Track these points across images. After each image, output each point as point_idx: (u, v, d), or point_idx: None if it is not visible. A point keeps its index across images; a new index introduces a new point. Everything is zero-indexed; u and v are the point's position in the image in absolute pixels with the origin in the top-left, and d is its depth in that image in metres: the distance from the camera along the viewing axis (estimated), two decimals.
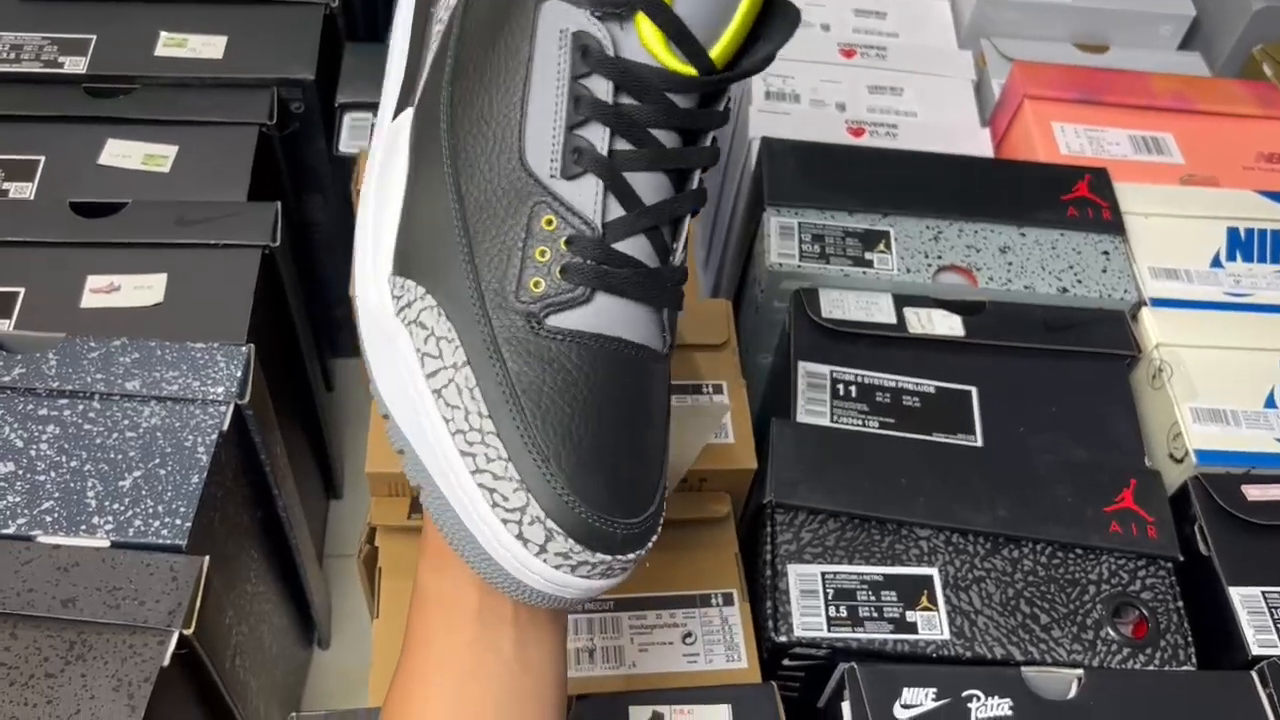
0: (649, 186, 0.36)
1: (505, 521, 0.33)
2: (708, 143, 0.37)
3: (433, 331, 0.35)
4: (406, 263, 0.36)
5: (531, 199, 0.35)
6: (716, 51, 0.35)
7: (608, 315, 0.35)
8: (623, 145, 0.35)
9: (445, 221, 0.35)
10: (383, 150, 0.39)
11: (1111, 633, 0.54)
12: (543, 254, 0.34)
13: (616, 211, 0.35)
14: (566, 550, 0.33)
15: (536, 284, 0.34)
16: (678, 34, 0.34)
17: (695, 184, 0.37)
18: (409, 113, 0.39)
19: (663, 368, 0.37)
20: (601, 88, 0.34)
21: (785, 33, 0.37)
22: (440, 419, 0.34)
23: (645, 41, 0.34)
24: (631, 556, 0.34)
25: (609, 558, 0.33)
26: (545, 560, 0.33)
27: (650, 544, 0.35)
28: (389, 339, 0.36)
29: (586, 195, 0.35)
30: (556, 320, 0.34)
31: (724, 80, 0.36)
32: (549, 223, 0.34)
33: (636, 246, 0.35)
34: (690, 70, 0.35)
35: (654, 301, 0.36)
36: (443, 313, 0.35)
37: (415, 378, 0.35)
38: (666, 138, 0.36)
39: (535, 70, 0.35)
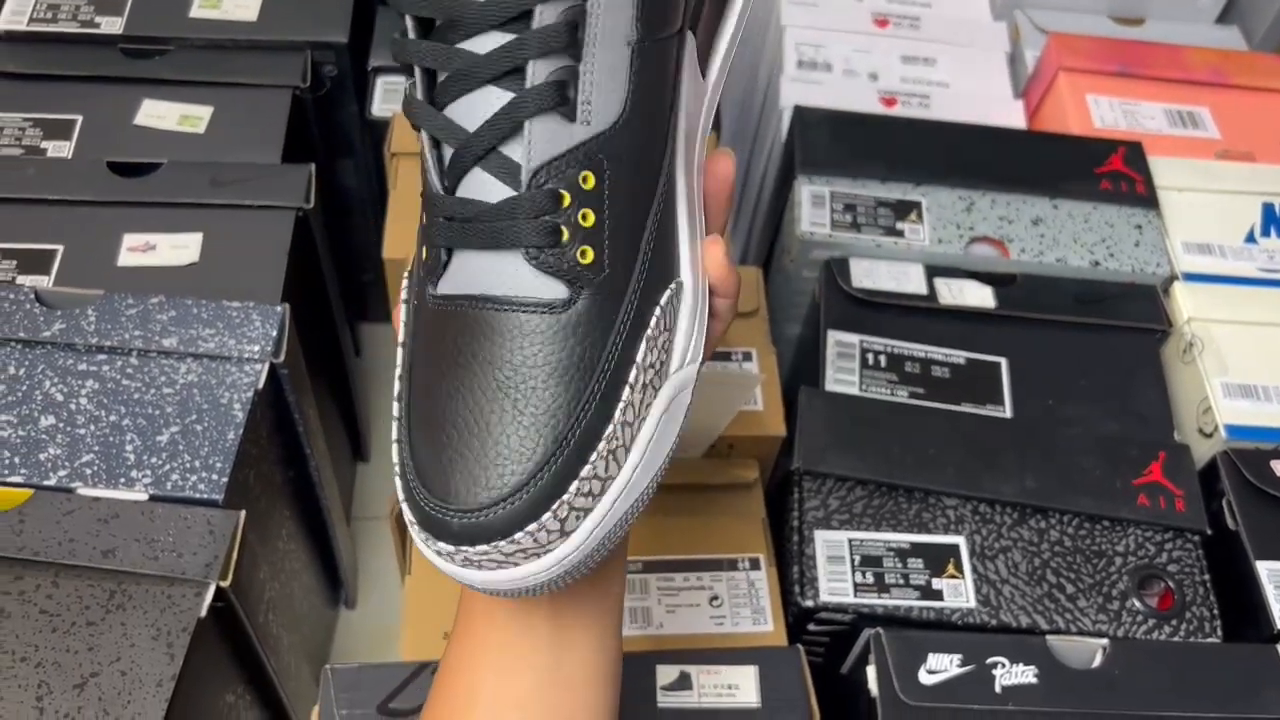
0: (473, 110, 0.30)
1: (402, 497, 0.31)
2: (545, 20, 0.29)
3: (406, 299, 0.35)
4: None
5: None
6: None
7: (465, 273, 0.31)
8: (439, 79, 0.31)
9: None
10: None
11: (1137, 604, 0.54)
12: (422, 219, 0.32)
13: (449, 153, 0.31)
14: (422, 538, 0.30)
15: (424, 252, 0.32)
16: None
17: (536, 77, 0.29)
18: None
19: (558, 320, 0.30)
20: (408, 28, 0.31)
21: None
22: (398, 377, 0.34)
23: None
24: (484, 548, 0.29)
25: (451, 548, 0.29)
26: (419, 540, 0.31)
27: (518, 535, 0.29)
28: None
29: (425, 147, 0.31)
30: (435, 287, 0.32)
31: None
32: (421, 185, 0.32)
33: (475, 185, 0.30)
34: None
35: (502, 244, 0.30)
36: (407, 281, 0.34)
37: None
38: (480, 42, 0.29)
39: None
